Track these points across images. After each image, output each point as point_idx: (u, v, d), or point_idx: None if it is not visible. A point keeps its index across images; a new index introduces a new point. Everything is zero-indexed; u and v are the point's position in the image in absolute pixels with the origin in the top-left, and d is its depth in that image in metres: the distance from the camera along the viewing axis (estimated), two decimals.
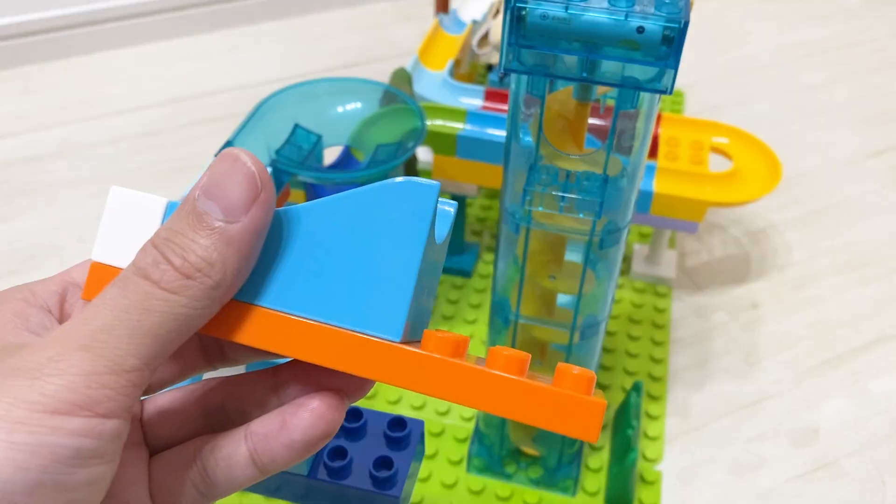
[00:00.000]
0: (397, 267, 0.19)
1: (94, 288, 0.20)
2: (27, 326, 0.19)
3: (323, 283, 0.19)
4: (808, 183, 0.76)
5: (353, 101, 0.51)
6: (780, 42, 1.01)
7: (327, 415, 0.20)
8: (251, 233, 0.18)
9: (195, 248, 0.18)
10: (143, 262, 0.18)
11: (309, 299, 0.19)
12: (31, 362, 0.17)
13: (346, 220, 0.19)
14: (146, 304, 0.18)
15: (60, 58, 0.95)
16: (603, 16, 0.30)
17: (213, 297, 0.18)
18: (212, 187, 0.18)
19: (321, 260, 0.19)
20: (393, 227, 0.19)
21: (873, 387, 0.56)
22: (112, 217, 0.21)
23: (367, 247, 0.19)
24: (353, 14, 1.07)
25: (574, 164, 0.38)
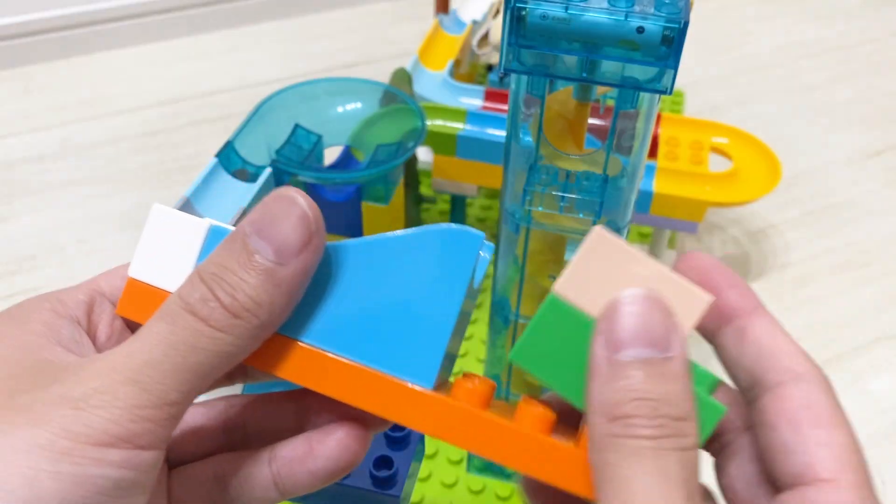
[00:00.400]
0: (435, 314, 0.19)
1: (128, 304, 0.20)
2: (59, 340, 0.19)
3: (360, 322, 0.19)
4: (808, 183, 0.76)
5: (354, 101, 0.51)
6: (780, 42, 1.01)
7: (353, 446, 0.20)
8: (301, 276, 0.18)
9: (244, 288, 0.18)
10: (192, 298, 0.18)
11: (344, 337, 0.19)
12: (77, 392, 0.17)
13: (388, 262, 0.19)
14: (193, 341, 0.18)
15: (61, 58, 0.95)
16: (603, 16, 0.30)
17: (257, 336, 0.18)
18: (265, 226, 0.18)
19: (360, 299, 0.19)
20: (434, 273, 0.19)
21: (873, 387, 0.56)
22: (152, 235, 0.20)
23: (406, 291, 0.19)
24: (353, 14, 1.07)
25: (574, 164, 0.38)
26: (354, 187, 0.49)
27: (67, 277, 0.64)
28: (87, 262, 0.66)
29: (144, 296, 0.20)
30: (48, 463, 0.16)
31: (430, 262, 0.19)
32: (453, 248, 0.19)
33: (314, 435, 0.20)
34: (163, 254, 0.20)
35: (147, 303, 0.20)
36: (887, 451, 0.51)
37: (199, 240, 0.20)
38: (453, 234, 0.19)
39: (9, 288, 0.63)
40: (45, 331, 0.19)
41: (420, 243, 0.19)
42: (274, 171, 0.45)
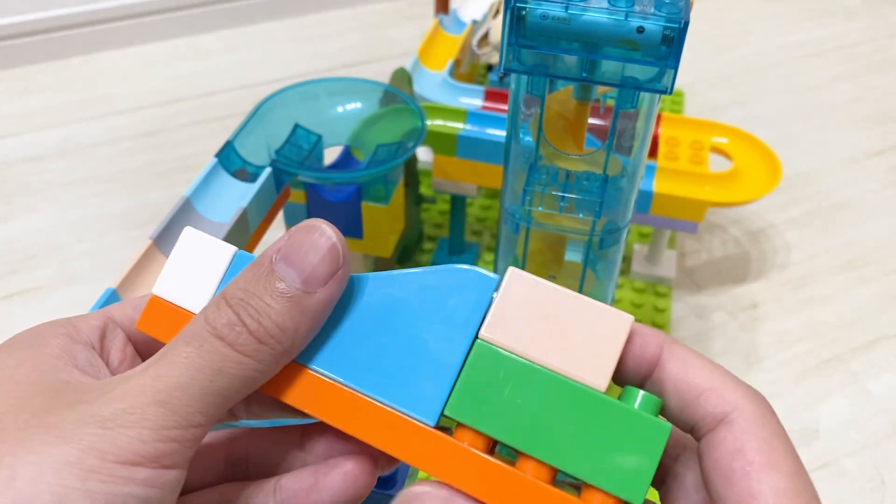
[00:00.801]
0: (444, 351, 0.19)
1: (149, 321, 0.21)
2: (75, 363, 0.20)
3: (370, 354, 0.20)
4: (808, 183, 0.76)
5: (354, 101, 0.51)
6: (780, 42, 1.01)
7: (360, 479, 0.20)
8: (326, 305, 0.19)
9: (270, 314, 0.18)
10: (218, 322, 0.18)
11: (353, 368, 0.20)
12: (106, 411, 0.17)
13: (403, 296, 0.20)
14: (220, 365, 0.18)
15: (60, 58, 0.95)
16: (603, 16, 0.30)
17: (279, 362, 0.19)
18: (292, 254, 0.19)
19: (372, 331, 0.20)
20: (447, 312, 0.19)
21: (873, 386, 0.56)
22: (180, 256, 0.21)
23: (419, 326, 0.19)
24: (354, 14, 1.07)
25: (574, 163, 0.38)
26: (354, 187, 0.49)
27: (67, 277, 0.64)
28: (86, 261, 0.66)
29: (165, 313, 0.20)
30: (77, 481, 0.16)
31: (445, 300, 0.19)
32: (467, 289, 0.19)
33: (320, 467, 0.20)
34: (188, 275, 0.21)
35: (167, 320, 0.21)
36: (887, 451, 0.51)
37: (224, 264, 0.21)
38: (468, 276, 0.19)
39: (8, 287, 0.63)
40: (62, 354, 0.20)
41: (437, 281, 0.19)
42: (274, 170, 0.45)
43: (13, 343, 0.20)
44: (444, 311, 0.19)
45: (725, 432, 0.17)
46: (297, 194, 0.50)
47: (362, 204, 0.49)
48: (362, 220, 0.50)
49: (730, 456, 0.17)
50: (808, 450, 0.51)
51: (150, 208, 0.71)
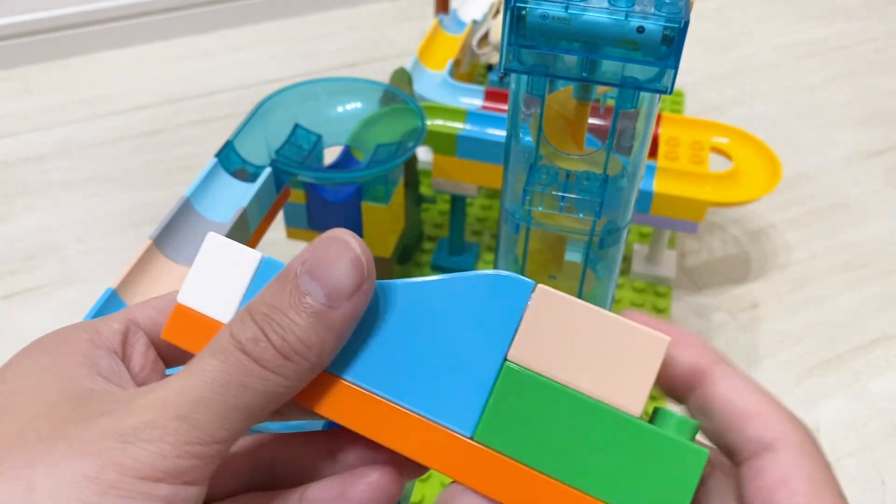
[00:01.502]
0: (480, 360, 0.19)
1: (175, 330, 0.20)
2: (98, 370, 0.19)
3: (403, 364, 0.19)
4: (808, 183, 0.76)
5: (354, 101, 0.51)
6: (780, 42, 1.01)
7: (386, 489, 0.20)
8: (351, 319, 0.18)
9: (295, 330, 0.18)
10: (243, 336, 0.18)
11: (386, 378, 0.19)
12: (127, 425, 0.17)
13: (436, 304, 0.19)
14: (244, 380, 0.18)
15: (60, 57, 0.95)
16: (603, 16, 0.30)
17: (305, 377, 0.18)
18: (317, 268, 0.18)
19: (406, 341, 0.19)
20: (482, 319, 0.19)
21: (873, 386, 0.56)
22: (203, 262, 0.20)
23: (453, 335, 0.19)
24: (353, 14, 1.07)
25: (574, 163, 0.38)
26: (354, 187, 0.49)
27: (67, 277, 0.64)
28: (86, 261, 0.66)
29: (191, 322, 0.20)
30: (96, 495, 0.16)
31: (479, 307, 0.19)
32: (503, 296, 0.19)
33: (347, 477, 0.20)
34: (213, 282, 0.20)
35: (193, 329, 0.20)
36: (887, 451, 0.51)
37: (250, 271, 0.20)
38: (504, 282, 0.19)
39: (8, 287, 0.63)
40: (84, 361, 0.19)
41: (469, 288, 0.19)
42: (274, 170, 0.45)
43: (36, 348, 0.20)
44: (477, 319, 0.19)
45: (770, 460, 0.17)
46: (297, 194, 0.50)
47: (362, 204, 0.49)
48: (362, 220, 0.50)
49: (774, 485, 0.17)
50: None
51: (150, 208, 0.71)
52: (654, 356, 0.18)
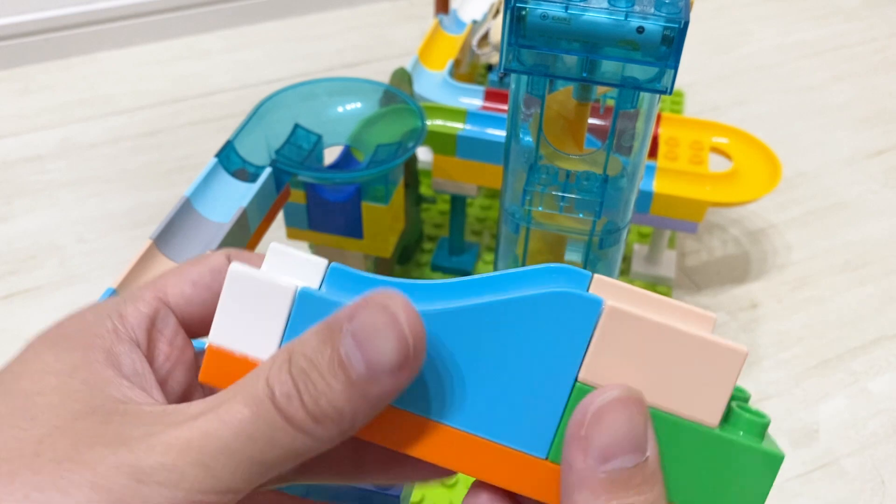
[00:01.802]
0: (550, 383, 0.18)
1: (212, 372, 0.19)
2: (122, 371, 0.19)
3: (472, 391, 0.18)
4: (808, 183, 0.76)
5: (354, 101, 0.51)
6: (779, 42, 1.01)
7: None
8: (390, 395, 0.17)
9: (329, 395, 0.17)
10: (279, 389, 0.17)
11: (457, 407, 0.18)
12: (145, 464, 0.16)
13: (500, 329, 0.18)
14: (273, 435, 0.17)
15: (61, 57, 0.95)
16: (603, 16, 0.30)
17: (334, 441, 0.18)
18: (362, 335, 0.17)
19: (471, 368, 0.18)
20: (549, 341, 0.18)
21: (872, 386, 0.56)
22: (230, 298, 0.19)
23: (519, 359, 0.18)
24: (354, 14, 1.07)
25: (574, 164, 0.38)
26: (354, 187, 0.49)
27: (67, 277, 0.64)
28: (86, 261, 0.66)
29: (228, 363, 0.19)
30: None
31: (545, 329, 0.18)
32: (569, 315, 0.18)
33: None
34: (245, 319, 0.19)
35: (232, 370, 0.19)
36: (887, 451, 0.51)
37: (286, 305, 0.19)
38: (570, 300, 0.18)
39: (9, 287, 0.63)
40: (108, 359, 0.18)
41: (534, 309, 0.18)
42: (274, 170, 0.45)
43: (58, 340, 0.19)
44: (544, 340, 0.18)
45: None
46: (298, 194, 0.50)
47: (362, 204, 0.49)
48: (362, 219, 0.50)
49: None
50: (808, 450, 0.52)
51: (151, 208, 0.72)
52: (731, 369, 0.17)
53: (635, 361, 0.17)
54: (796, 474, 0.50)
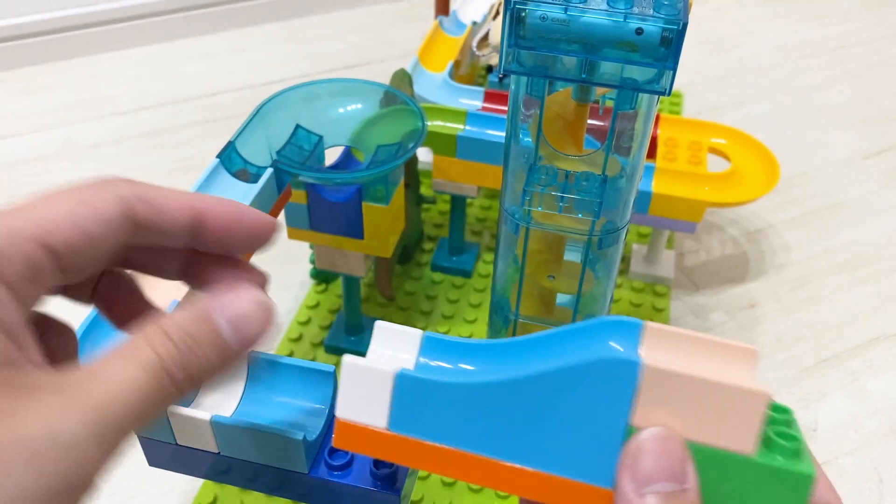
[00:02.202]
0: (608, 430, 0.21)
1: (343, 440, 0.23)
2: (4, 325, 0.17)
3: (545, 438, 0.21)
4: (807, 183, 0.76)
5: (354, 102, 0.52)
6: (778, 43, 1.01)
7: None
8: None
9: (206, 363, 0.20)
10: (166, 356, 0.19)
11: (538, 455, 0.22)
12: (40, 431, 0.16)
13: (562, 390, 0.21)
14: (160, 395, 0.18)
15: (63, 59, 0.96)
16: (602, 17, 0.30)
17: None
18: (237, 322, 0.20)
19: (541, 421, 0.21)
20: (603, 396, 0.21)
21: (871, 386, 0.56)
22: (348, 380, 0.23)
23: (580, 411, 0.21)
24: (354, 15, 1.07)
25: (573, 164, 0.38)
26: (355, 188, 0.49)
27: None
28: None
29: (354, 432, 0.23)
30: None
31: (598, 387, 0.21)
32: (615, 375, 0.20)
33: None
34: (361, 396, 0.23)
35: (358, 438, 0.23)
36: (886, 450, 0.52)
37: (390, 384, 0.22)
38: (613, 364, 0.20)
39: None
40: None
41: (586, 374, 0.21)
42: (275, 171, 0.45)
43: None
44: (599, 396, 0.21)
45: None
46: (299, 195, 0.50)
47: (363, 204, 0.50)
48: (363, 220, 0.50)
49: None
50: None
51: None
52: (758, 407, 0.20)
53: (677, 407, 0.20)
54: None
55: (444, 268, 0.64)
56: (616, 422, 0.21)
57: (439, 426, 0.22)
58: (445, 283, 0.63)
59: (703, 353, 0.21)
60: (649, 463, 0.19)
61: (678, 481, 0.19)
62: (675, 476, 0.19)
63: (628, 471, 0.20)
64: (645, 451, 0.20)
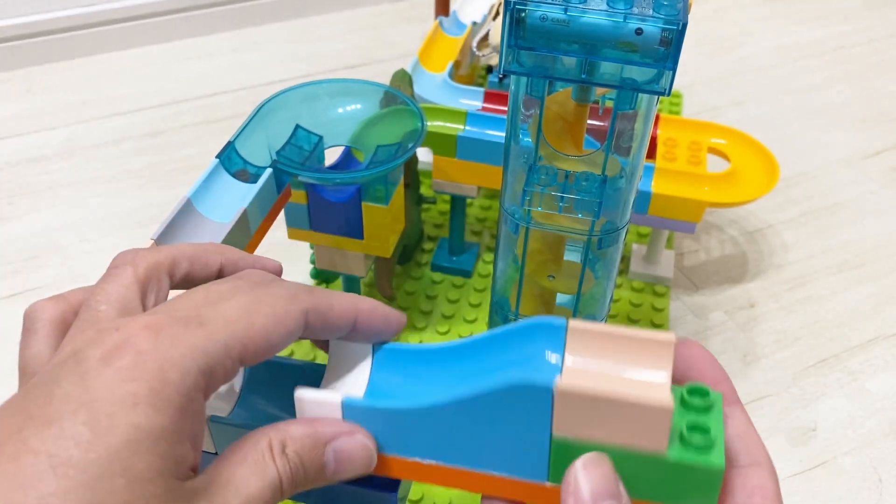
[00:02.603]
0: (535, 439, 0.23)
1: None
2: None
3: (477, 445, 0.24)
4: (806, 183, 0.76)
5: (354, 103, 0.52)
6: (777, 43, 1.01)
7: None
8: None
9: (309, 480, 0.24)
10: (283, 472, 0.23)
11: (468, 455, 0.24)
12: None
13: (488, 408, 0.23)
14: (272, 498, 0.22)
15: (64, 59, 0.96)
16: (602, 18, 0.30)
17: None
18: (340, 454, 0.24)
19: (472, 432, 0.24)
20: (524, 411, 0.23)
21: (870, 385, 0.56)
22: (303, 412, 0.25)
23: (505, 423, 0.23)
24: (354, 16, 1.08)
25: (573, 164, 0.38)
26: (355, 187, 0.49)
27: (69, 277, 0.64)
28: (88, 261, 0.66)
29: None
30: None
31: (519, 404, 0.22)
32: (533, 396, 0.22)
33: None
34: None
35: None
36: (884, 450, 0.52)
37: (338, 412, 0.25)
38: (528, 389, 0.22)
39: (11, 287, 0.63)
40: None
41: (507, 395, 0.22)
42: (275, 171, 0.45)
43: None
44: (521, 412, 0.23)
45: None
46: (298, 195, 0.51)
47: (363, 204, 0.50)
48: (363, 220, 0.50)
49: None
50: (806, 448, 0.52)
51: (152, 209, 0.72)
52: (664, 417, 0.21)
53: (592, 417, 0.22)
54: (794, 473, 0.51)
55: (444, 268, 0.64)
56: (540, 431, 0.23)
57: (390, 439, 0.25)
58: (445, 283, 0.63)
59: (623, 350, 0.22)
60: (589, 487, 0.22)
61: (616, 499, 0.21)
62: (613, 494, 0.22)
63: (572, 497, 0.22)
64: (582, 479, 0.22)
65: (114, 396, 0.19)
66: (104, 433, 0.18)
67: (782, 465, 0.51)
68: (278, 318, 0.23)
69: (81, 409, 0.18)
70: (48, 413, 0.18)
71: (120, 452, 0.18)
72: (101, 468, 0.18)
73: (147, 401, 0.19)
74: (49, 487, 0.17)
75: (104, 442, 0.18)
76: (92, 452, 0.18)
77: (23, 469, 0.17)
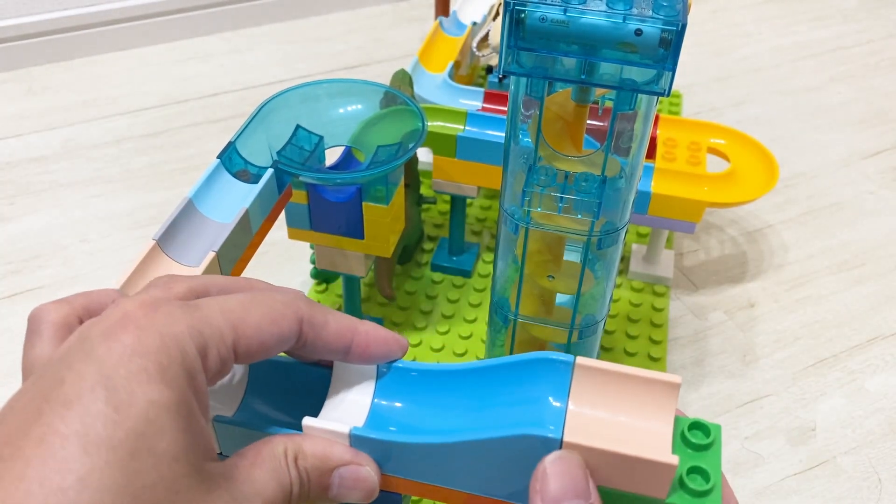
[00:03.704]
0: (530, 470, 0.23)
1: None
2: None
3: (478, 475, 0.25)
4: (805, 183, 0.76)
5: (355, 103, 0.52)
6: (777, 44, 1.01)
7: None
8: None
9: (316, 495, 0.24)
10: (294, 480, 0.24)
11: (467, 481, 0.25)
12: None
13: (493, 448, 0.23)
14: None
15: (64, 59, 0.96)
16: (601, 18, 0.30)
17: None
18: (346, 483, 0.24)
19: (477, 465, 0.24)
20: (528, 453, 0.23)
21: (869, 385, 0.56)
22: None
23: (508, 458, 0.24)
24: (354, 16, 1.08)
25: (572, 165, 0.38)
26: (355, 188, 0.49)
27: (70, 277, 0.64)
28: (89, 261, 0.66)
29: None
30: None
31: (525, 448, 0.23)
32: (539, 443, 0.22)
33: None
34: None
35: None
36: (883, 449, 0.52)
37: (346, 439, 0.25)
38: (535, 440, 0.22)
39: (12, 287, 0.63)
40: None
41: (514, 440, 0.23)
42: (275, 171, 0.45)
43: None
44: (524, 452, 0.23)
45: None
46: (299, 195, 0.51)
47: (363, 204, 0.50)
48: (363, 220, 0.51)
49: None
50: (805, 448, 0.52)
51: (153, 209, 0.72)
52: (667, 472, 0.21)
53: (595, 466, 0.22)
54: (794, 472, 0.51)
55: (444, 268, 0.64)
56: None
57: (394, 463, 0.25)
58: (445, 283, 0.63)
59: (629, 392, 0.23)
60: (556, 484, 0.21)
61: (584, 497, 0.21)
62: (580, 493, 0.21)
63: (538, 495, 0.22)
64: (550, 474, 0.22)
65: (127, 372, 0.19)
66: (126, 411, 0.18)
67: (782, 464, 0.51)
68: (273, 319, 0.23)
69: (98, 387, 0.18)
70: (66, 394, 0.18)
71: (145, 431, 0.18)
72: (130, 447, 0.18)
73: (157, 377, 0.19)
74: (84, 467, 0.17)
75: (129, 420, 0.18)
76: (120, 431, 0.18)
77: (54, 452, 0.17)
